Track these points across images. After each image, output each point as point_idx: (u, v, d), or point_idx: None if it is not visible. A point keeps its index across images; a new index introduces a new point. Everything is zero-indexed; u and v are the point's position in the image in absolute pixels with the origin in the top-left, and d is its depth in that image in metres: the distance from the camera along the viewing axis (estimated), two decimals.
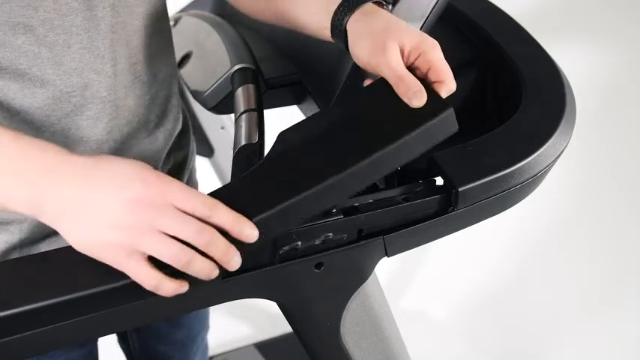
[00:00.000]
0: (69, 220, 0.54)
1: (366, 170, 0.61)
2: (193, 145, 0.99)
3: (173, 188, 0.54)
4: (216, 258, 0.55)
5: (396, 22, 0.68)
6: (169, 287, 0.55)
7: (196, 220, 0.54)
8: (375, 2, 0.70)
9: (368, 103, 0.66)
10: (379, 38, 0.65)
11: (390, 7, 0.75)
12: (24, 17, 0.63)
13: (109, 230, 0.53)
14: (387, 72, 0.64)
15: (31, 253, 0.74)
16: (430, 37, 0.66)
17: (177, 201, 0.54)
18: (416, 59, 0.65)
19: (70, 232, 0.55)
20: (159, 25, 0.79)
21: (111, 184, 0.54)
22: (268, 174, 0.61)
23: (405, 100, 0.63)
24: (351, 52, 0.69)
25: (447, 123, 0.64)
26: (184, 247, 0.54)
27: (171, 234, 0.54)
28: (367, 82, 0.70)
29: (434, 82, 0.65)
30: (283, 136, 0.65)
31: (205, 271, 0.55)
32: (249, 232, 0.55)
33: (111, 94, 0.72)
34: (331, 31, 0.71)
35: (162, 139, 0.84)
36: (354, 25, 0.69)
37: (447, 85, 0.64)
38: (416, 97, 0.63)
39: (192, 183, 1.03)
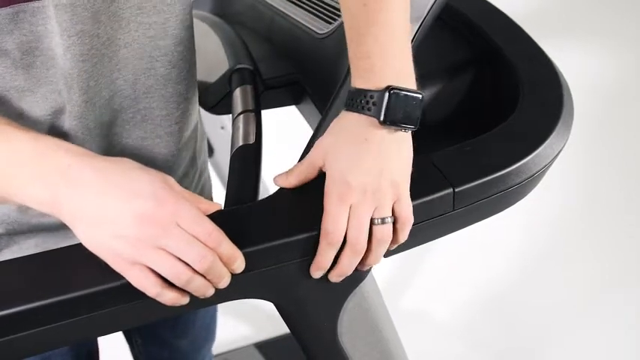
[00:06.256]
0: (79, 221, 0.55)
1: None
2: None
3: (184, 211, 0.55)
4: (211, 281, 0.57)
5: (342, 176, 0.62)
6: (170, 297, 0.56)
7: (199, 245, 0.55)
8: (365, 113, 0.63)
9: None
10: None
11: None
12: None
13: (113, 239, 0.54)
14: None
15: (20, 244, 0.75)
16: (369, 195, 0.62)
17: (185, 224, 0.55)
18: None
19: (80, 233, 0.55)
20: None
21: (125, 192, 0.54)
22: (273, 210, 0.64)
23: None
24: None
25: (443, 202, 0.66)
26: (185, 267, 0.55)
27: (173, 254, 0.54)
28: None
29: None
30: None
31: (202, 290, 0.57)
32: (237, 265, 0.58)
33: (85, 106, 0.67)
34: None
35: (164, 134, 0.77)
36: (329, 134, 0.65)
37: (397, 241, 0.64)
38: None
39: (202, 181, 0.98)
